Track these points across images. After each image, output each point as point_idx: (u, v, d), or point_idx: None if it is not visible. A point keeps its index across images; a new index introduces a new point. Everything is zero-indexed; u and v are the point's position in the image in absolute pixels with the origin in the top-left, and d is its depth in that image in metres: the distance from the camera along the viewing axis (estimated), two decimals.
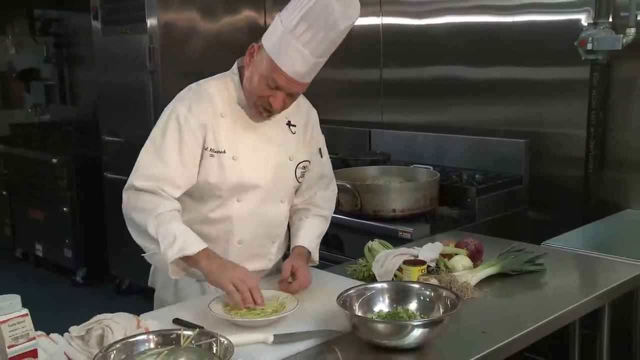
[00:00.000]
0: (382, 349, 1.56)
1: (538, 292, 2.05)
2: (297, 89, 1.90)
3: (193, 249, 1.80)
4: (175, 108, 1.95)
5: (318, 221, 2.16)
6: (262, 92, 1.88)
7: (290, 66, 1.82)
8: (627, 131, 3.00)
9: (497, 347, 1.62)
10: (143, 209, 1.86)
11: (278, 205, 2.06)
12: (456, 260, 2.10)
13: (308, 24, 1.77)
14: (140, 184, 1.88)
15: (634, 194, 3.01)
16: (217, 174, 1.94)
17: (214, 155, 1.94)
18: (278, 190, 2.05)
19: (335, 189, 2.28)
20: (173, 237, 1.80)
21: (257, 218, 2.02)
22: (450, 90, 3.59)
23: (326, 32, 1.79)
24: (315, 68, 1.87)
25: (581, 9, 3.04)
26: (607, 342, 2.16)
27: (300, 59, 1.81)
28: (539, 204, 3.28)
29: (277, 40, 1.82)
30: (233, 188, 1.96)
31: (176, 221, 1.86)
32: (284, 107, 1.93)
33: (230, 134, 1.96)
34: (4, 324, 1.32)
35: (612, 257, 2.31)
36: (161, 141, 1.91)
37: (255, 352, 1.56)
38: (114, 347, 1.46)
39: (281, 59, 1.81)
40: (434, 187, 2.93)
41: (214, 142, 1.94)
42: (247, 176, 1.97)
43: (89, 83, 5.77)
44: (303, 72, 1.84)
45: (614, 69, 2.99)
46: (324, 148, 2.21)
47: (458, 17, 3.52)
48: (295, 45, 1.79)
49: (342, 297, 1.69)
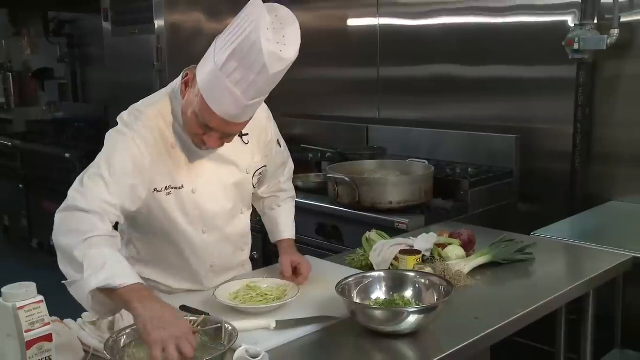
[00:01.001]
0: (379, 335, 1.57)
1: (527, 280, 2.05)
2: (234, 129, 1.66)
3: (123, 280, 1.42)
4: (122, 130, 1.69)
5: (289, 205, 2.16)
6: (196, 130, 1.65)
7: (222, 108, 1.56)
8: (611, 127, 3.00)
9: (488, 332, 1.63)
10: (74, 230, 1.53)
11: (240, 218, 1.95)
12: (450, 250, 2.11)
13: (237, 63, 1.50)
14: (76, 203, 1.56)
15: (618, 186, 3.01)
16: (178, 210, 1.76)
17: (171, 192, 1.74)
18: (239, 206, 1.92)
19: (292, 166, 2.18)
20: (102, 262, 1.45)
21: (224, 240, 1.90)
22: (444, 88, 3.58)
23: (256, 75, 1.50)
24: (251, 108, 1.61)
25: (568, 11, 3.04)
26: (592, 327, 2.17)
27: (232, 100, 1.54)
28: (528, 196, 3.27)
29: (208, 75, 1.56)
30: (196, 221, 1.80)
31: (111, 248, 1.52)
32: (222, 145, 1.71)
33: (185, 166, 1.75)
34: (21, 310, 1.32)
35: (597, 247, 2.31)
36: (102, 163, 1.64)
37: (259, 337, 1.56)
38: (124, 332, 1.46)
39: (212, 99, 1.56)
40: (429, 181, 2.92)
41: (170, 178, 1.73)
42: (209, 207, 1.81)
43: (100, 81, 5.77)
44: (236, 113, 1.58)
45: (599, 68, 2.98)
46: (279, 135, 2.04)
47: (452, 18, 3.51)
48: (226, 84, 1.52)
49: (341, 285, 1.69)
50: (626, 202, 2.97)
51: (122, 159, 1.65)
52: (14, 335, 1.33)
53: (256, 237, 2.11)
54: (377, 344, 1.52)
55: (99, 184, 1.60)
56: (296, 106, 4.25)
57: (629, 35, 2.86)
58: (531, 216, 3.18)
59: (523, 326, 1.75)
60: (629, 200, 2.97)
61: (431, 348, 1.55)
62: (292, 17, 1.54)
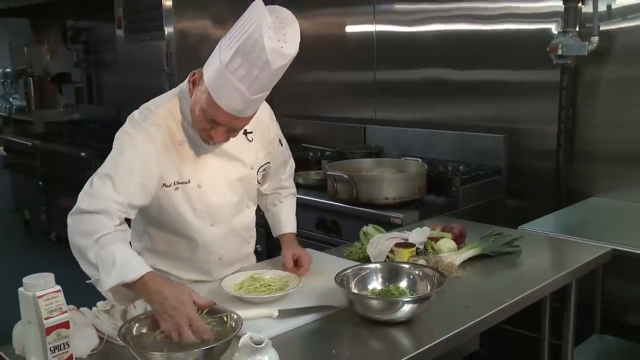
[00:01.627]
0: (376, 323, 1.56)
1: (514, 271, 2.05)
2: (239, 123, 1.65)
3: (135, 274, 1.45)
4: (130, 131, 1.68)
5: (291, 201, 2.14)
6: (204, 126, 1.65)
7: (228, 103, 1.56)
8: (593, 127, 3.00)
9: (478, 320, 1.63)
10: (85, 232, 1.54)
11: (246, 212, 1.94)
12: (442, 243, 2.10)
13: (242, 59, 1.50)
14: (85, 206, 1.57)
15: (599, 183, 3.00)
16: (186, 204, 1.75)
17: (179, 187, 1.73)
18: (244, 201, 1.91)
19: (293, 165, 2.16)
20: (112, 262, 1.47)
21: (231, 233, 1.89)
22: (437, 91, 3.57)
23: (259, 71, 1.50)
24: (255, 103, 1.60)
25: (552, 20, 3.04)
26: (574, 315, 2.17)
27: (237, 95, 1.54)
28: (515, 192, 3.27)
29: (214, 73, 1.56)
30: (204, 215, 1.79)
31: (118, 243, 1.52)
32: (228, 139, 1.71)
33: (192, 161, 1.74)
34: (40, 299, 1.33)
35: (579, 240, 2.31)
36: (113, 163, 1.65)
37: (262, 325, 1.56)
38: (136, 320, 1.46)
39: (218, 95, 1.56)
40: (423, 178, 2.92)
41: (177, 174, 1.72)
42: (215, 200, 1.80)
43: (113, 85, 5.78)
44: (241, 108, 1.58)
45: (581, 72, 2.98)
46: (281, 135, 2.03)
47: (444, 25, 3.50)
48: (231, 80, 1.52)
49: (340, 276, 1.68)
50: (606, 198, 2.97)
51: (129, 158, 1.65)
52: (35, 322, 1.34)
53: (260, 232, 2.10)
54: (374, 331, 1.52)
55: (107, 184, 1.59)
56: (297, 107, 4.26)
57: (607, 42, 2.87)
58: (518, 211, 3.17)
59: (510, 314, 1.74)
60: (609, 196, 2.96)
61: (425, 335, 1.55)
62: (292, 18, 1.54)
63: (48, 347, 1.34)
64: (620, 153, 2.91)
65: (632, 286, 2.89)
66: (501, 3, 3.24)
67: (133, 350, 1.34)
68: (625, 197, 2.91)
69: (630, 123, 2.87)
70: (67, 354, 1.37)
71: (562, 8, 2.93)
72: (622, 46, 2.85)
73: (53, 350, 1.34)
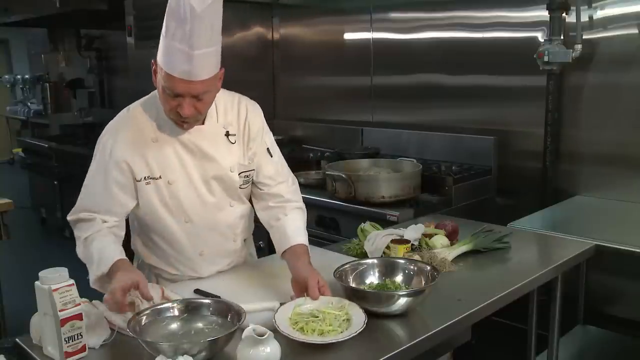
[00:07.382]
0: (373, 315, 1.55)
1: (504, 266, 2.04)
2: (198, 89, 1.55)
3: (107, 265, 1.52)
4: (103, 140, 1.72)
5: (298, 214, 1.84)
6: (170, 105, 1.59)
7: (178, 67, 1.51)
8: (577, 129, 3.00)
9: (470, 312, 1.62)
10: (77, 237, 1.66)
11: (229, 211, 1.82)
12: (436, 239, 2.10)
13: (174, 20, 1.48)
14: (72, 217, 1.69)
15: (583, 182, 3.01)
16: (157, 199, 1.71)
17: (150, 182, 1.69)
18: (224, 200, 1.80)
19: (296, 181, 1.94)
20: (91, 257, 1.56)
21: (211, 230, 1.81)
22: (431, 95, 3.57)
23: (191, 22, 1.45)
24: (202, 60, 1.51)
25: (538, 28, 3.04)
26: (559, 307, 2.17)
27: (183, 56, 1.49)
28: (505, 191, 3.27)
29: (162, 49, 1.55)
30: (176, 211, 1.73)
31: (101, 239, 1.59)
32: (197, 112, 1.61)
33: (164, 158, 1.69)
34: (55, 292, 1.32)
35: (564, 236, 2.31)
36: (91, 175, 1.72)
37: (264, 318, 1.54)
38: (144, 312, 1.45)
39: (168, 64, 1.53)
40: (417, 177, 2.91)
41: (148, 169, 1.68)
42: (186, 197, 1.73)
43: (124, 89, 5.75)
44: (189, 69, 1.51)
45: (566, 78, 2.99)
46: (274, 147, 1.88)
47: (437, 33, 3.50)
48: (174, 45, 1.50)
49: (339, 271, 1.68)
50: (590, 196, 2.98)
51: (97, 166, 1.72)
52: (50, 314, 1.34)
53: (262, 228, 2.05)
54: (371, 323, 1.50)
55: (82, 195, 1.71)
56: (299, 110, 4.23)
57: (590, 50, 2.88)
58: (507, 209, 3.17)
59: (500, 307, 1.74)
60: (593, 195, 2.97)
61: (419, 327, 1.54)
62: None
63: (63, 337, 1.34)
64: (603, 154, 2.92)
65: (613, 280, 2.89)
66: (491, 12, 3.24)
67: (142, 341, 1.33)
68: (607, 196, 2.92)
69: (612, 125, 2.88)
70: (80, 344, 1.37)
71: (547, 18, 2.94)
72: (604, 54, 2.87)
73: (67, 341, 1.34)
